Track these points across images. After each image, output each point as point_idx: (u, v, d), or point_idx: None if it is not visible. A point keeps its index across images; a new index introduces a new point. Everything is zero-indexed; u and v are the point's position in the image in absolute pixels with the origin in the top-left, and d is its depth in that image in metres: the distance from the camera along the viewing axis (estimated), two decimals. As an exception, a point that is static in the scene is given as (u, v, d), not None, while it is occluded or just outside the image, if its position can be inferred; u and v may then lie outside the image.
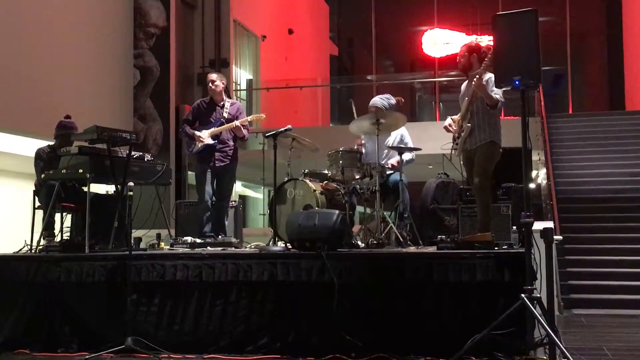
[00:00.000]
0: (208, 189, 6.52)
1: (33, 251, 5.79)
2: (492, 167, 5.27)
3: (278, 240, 5.67)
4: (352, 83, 19.11)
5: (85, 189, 5.80)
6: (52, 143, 6.38)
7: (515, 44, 4.35)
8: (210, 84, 6.66)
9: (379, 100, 6.45)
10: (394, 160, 6.35)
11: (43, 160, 6.27)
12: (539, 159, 11.21)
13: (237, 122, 6.51)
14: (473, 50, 5.35)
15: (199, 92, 11.64)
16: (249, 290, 4.99)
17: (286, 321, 4.89)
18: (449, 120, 5.54)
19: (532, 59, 4.29)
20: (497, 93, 5.18)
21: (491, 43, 4.60)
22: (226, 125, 6.53)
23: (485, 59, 5.18)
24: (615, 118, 12.90)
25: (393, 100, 6.45)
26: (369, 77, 18.73)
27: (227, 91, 7.82)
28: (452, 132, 5.49)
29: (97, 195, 6.18)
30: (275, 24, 15.66)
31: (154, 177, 6.28)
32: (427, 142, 7.19)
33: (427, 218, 6.42)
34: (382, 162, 6.19)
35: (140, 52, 10.90)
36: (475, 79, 5.17)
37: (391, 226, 5.83)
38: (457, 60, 5.46)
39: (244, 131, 6.59)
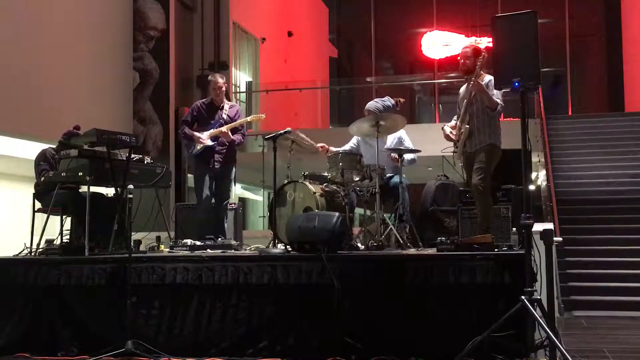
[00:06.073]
0: (207, 191, 6.51)
1: (33, 254, 5.79)
2: (492, 169, 5.27)
3: (278, 243, 5.66)
4: (352, 85, 19.11)
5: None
6: (54, 146, 6.34)
7: (515, 46, 4.35)
8: (217, 90, 6.63)
9: (372, 103, 6.42)
10: (396, 154, 6.21)
11: (48, 162, 6.21)
12: (539, 161, 11.22)
13: (224, 129, 6.49)
14: (479, 52, 5.32)
15: (199, 95, 11.63)
16: (249, 293, 4.98)
17: (286, 324, 4.87)
18: (448, 129, 5.51)
19: (532, 61, 4.30)
20: (497, 97, 5.17)
21: (490, 45, 4.59)
22: (216, 131, 6.50)
23: (479, 60, 5.18)
24: (614, 119, 12.90)
25: (389, 102, 6.41)
26: (368, 79, 18.74)
27: (227, 93, 7.81)
28: (453, 139, 5.47)
29: (97, 196, 6.15)
30: (275, 27, 15.66)
31: (153, 180, 6.28)
32: (426, 144, 7.17)
33: (427, 220, 6.41)
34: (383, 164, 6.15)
35: (139, 54, 10.91)
36: (472, 81, 5.16)
37: (391, 228, 5.82)
38: (461, 62, 5.39)
39: (236, 136, 6.57)
